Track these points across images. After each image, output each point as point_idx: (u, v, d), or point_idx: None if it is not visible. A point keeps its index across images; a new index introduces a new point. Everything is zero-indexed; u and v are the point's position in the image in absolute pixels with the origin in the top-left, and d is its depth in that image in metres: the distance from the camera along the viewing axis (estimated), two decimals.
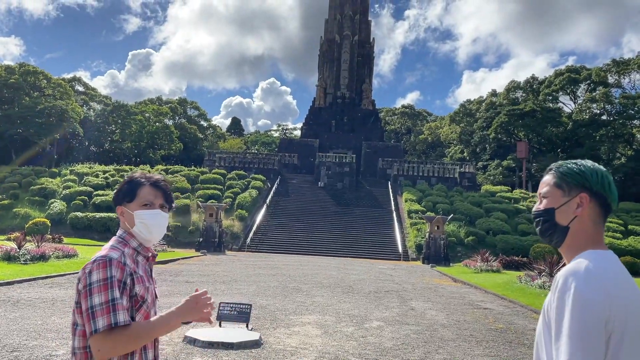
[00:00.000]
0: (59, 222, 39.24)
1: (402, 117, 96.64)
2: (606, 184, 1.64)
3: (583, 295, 1.43)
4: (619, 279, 1.50)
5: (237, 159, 52.93)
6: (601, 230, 1.65)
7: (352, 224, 40.21)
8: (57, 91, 60.33)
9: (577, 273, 1.48)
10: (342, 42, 67.94)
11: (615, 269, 1.53)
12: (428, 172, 51.83)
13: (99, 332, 1.84)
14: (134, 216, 2.10)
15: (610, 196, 1.64)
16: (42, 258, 16.17)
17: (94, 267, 1.91)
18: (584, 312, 1.42)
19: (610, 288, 1.45)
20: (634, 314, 1.46)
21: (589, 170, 1.65)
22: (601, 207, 1.64)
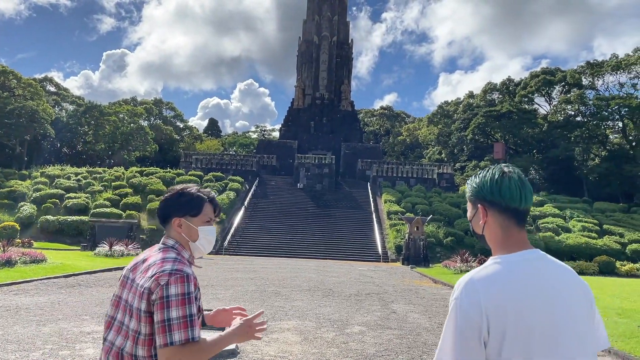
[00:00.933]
0: (29, 226, 38.02)
1: (381, 119, 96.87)
2: (496, 191, 1.73)
3: (458, 305, 1.60)
4: (507, 286, 1.60)
5: (214, 161, 52.16)
6: (512, 233, 1.72)
7: (331, 226, 39.89)
8: (28, 91, 58.66)
9: (463, 282, 1.64)
10: (320, 43, 67.68)
11: (510, 275, 1.63)
12: (407, 173, 51.85)
13: (174, 345, 1.89)
14: (198, 231, 2.21)
15: (504, 200, 1.72)
16: (8, 263, 15.40)
17: (172, 280, 1.95)
18: (456, 315, 1.59)
19: (488, 300, 1.57)
20: (514, 321, 1.56)
21: (481, 183, 1.76)
22: (503, 212, 1.72)
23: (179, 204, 2.22)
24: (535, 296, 1.61)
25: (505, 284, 1.61)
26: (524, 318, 1.58)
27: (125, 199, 41.38)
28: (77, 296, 12.24)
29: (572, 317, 1.64)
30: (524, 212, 1.74)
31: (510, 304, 1.58)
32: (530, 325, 1.58)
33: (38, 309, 10.13)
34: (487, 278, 1.62)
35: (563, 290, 1.66)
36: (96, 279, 16.44)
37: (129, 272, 2.16)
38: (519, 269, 1.65)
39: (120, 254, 24.38)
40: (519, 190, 1.73)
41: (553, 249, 35.95)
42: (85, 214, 39.05)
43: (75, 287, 14.04)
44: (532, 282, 1.63)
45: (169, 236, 2.21)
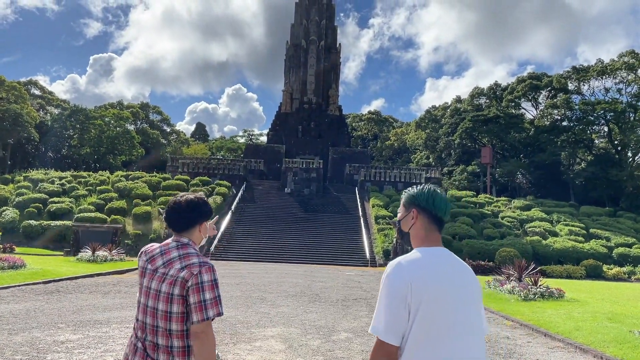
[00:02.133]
0: (11, 231, 37.24)
1: (369, 123, 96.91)
2: (430, 201, 2.28)
3: (390, 279, 2.09)
4: (426, 269, 2.10)
5: (201, 165, 51.67)
6: (433, 233, 2.27)
7: (319, 231, 39.60)
8: (12, 94, 57.77)
9: (393, 264, 2.14)
10: (308, 47, 67.52)
11: (429, 261, 2.14)
12: (395, 178, 51.77)
13: (209, 319, 2.42)
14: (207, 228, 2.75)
15: (434, 209, 2.28)
16: None
17: (203, 270, 2.46)
18: (390, 292, 2.07)
19: (412, 276, 2.06)
20: (428, 294, 2.04)
21: (418, 193, 2.32)
22: (430, 217, 2.28)
23: (205, 212, 2.70)
24: (446, 279, 2.11)
25: (425, 266, 2.12)
26: (436, 293, 2.06)
27: (110, 204, 40.74)
28: (54, 303, 11.84)
29: (470, 301, 2.14)
30: (444, 222, 2.31)
31: (427, 281, 2.07)
32: (440, 299, 2.05)
33: (12, 317, 9.73)
34: (412, 261, 2.14)
35: (465, 279, 2.17)
36: (77, 285, 15.99)
37: (147, 263, 2.61)
38: (434, 257, 2.17)
39: (104, 259, 23.87)
40: (445, 205, 2.30)
41: (541, 253, 36.00)
42: (70, 218, 38.37)
43: (54, 293, 13.61)
44: (443, 268, 2.14)
45: (183, 235, 2.65)
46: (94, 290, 14.50)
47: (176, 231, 2.65)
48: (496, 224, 41.18)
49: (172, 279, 2.45)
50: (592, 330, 10.63)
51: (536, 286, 16.04)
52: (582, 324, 11.40)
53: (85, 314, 10.35)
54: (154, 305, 2.48)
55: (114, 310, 11.06)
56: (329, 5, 71.44)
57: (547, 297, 15.52)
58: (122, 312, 10.77)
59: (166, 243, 2.65)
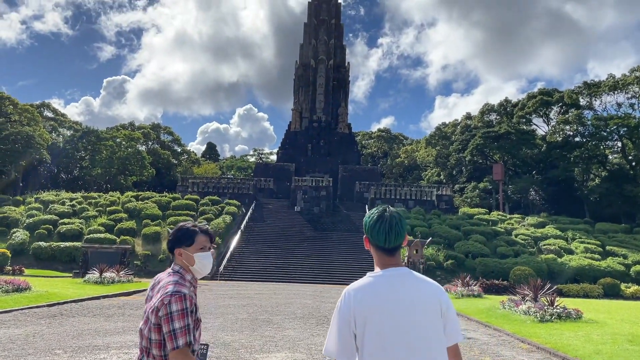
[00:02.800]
0: (21, 253, 37.27)
1: (379, 141, 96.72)
2: (368, 230, 2.42)
3: (338, 306, 2.30)
4: (371, 292, 2.26)
5: (210, 184, 51.65)
6: (383, 257, 2.39)
7: (329, 249, 39.15)
8: (24, 117, 58.48)
9: (344, 291, 2.34)
10: (317, 66, 67.82)
11: (376, 285, 2.29)
12: (405, 195, 51.30)
13: (180, 347, 2.51)
14: (194, 257, 2.77)
15: (373, 239, 2.41)
16: None
17: (173, 300, 2.53)
18: (337, 315, 2.29)
19: (355, 302, 2.24)
20: (372, 315, 2.22)
21: (365, 220, 2.45)
22: (376, 247, 2.42)
23: (176, 238, 2.81)
24: (392, 298, 2.25)
25: (370, 290, 2.27)
26: (380, 313, 2.22)
27: (120, 224, 40.72)
28: (56, 327, 11.56)
29: (420, 319, 2.25)
30: (389, 249, 2.38)
31: (370, 304, 2.23)
32: (385, 318, 2.22)
33: (9, 343, 9.46)
34: (358, 288, 2.30)
35: (415, 297, 2.28)
36: (81, 307, 15.73)
37: (150, 291, 2.76)
38: (384, 279, 2.30)
39: (111, 280, 23.63)
40: (385, 234, 2.36)
41: (556, 272, 35.19)
42: (79, 239, 38.35)
43: (57, 317, 13.35)
44: (392, 288, 2.27)
45: (176, 263, 2.79)
46: (97, 314, 14.22)
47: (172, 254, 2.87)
48: (510, 242, 40.45)
49: (152, 308, 2.61)
50: (612, 353, 10.12)
51: (553, 307, 15.49)
52: (602, 347, 10.88)
53: (84, 339, 10.06)
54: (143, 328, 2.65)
55: (115, 334, 10.75)
56: (337, 25, 71.90)
57: (564, 318, 14.96)
58: (123, 337, 10.46)
59: (166, 270, 2.84)
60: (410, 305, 2.24)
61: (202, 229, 2.85)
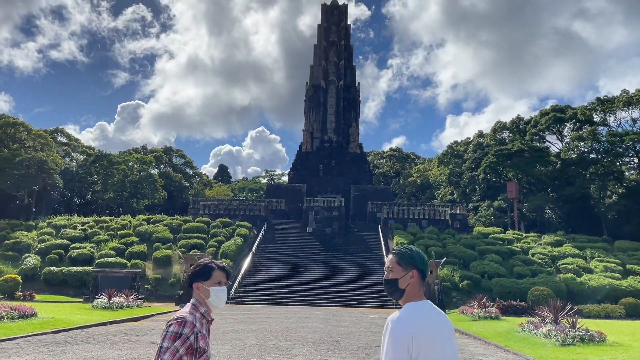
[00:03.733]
0: (33, 278, 37.11)
1: (391, 160, 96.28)
2: (425, 263, 2.80)
3: (394, 333, 2.56)
4: (421, 321, 2.60)
5: (222, 207, 51.46)
6: (422, 288, 2.78)
7: (341, 271, 38.52)
8: (38, 142, 59.08)
9: (394, 319, 2.64)
10: (327, 87, 68.01)
11: (422, 315, 2.63)
12: (419, 215, 50.64)
13: None
14: (210, 291, 3.02)
15: (426, 269, 2.80)
16: None
17: (173, 322, 2.81)
18: (395, 344, 2.53)
19: (411, 329, 2.54)
20: (426, 342, 2.53)
21: (417, 255, 2.80)
22: (422, 276, 2.78)
23: (195, 272, 3.05)
24: (436, 327, 2.61)
25: (420, 319, 2.61)
26: (431, 340, 2.56)
27: (131, 248, 40.52)
28: (57, 356, 11.20)
29: (452, 343, 2.66)
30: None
31: (424, 332, 2.56)
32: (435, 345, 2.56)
33: None
34: (410, 316, 2.62)
35: (446, 325, 2.67)
36: (87, 334, 15.37)
37: None
38: (425, 310, 2.67)
39: (120, 305, 23.28)
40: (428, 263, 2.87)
41: (575, 292, 34.20)
42: (90, 264, 38.16)
43: (61, 344, 12.99)
44: (432, 318, 2.65)
45: (194, 296, 3.02)
46: (102, 341, 13.84)
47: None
48: (527, 262, 39.51)
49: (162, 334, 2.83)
50: None
51: (574, 329, 14.81)
52: None
53: None
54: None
55: None
56: (347, 47, 72.29)
57: (587, 342, 14.27)
58: None
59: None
60: (445, 333, 2.64)
61: (219, 265, 3.10)
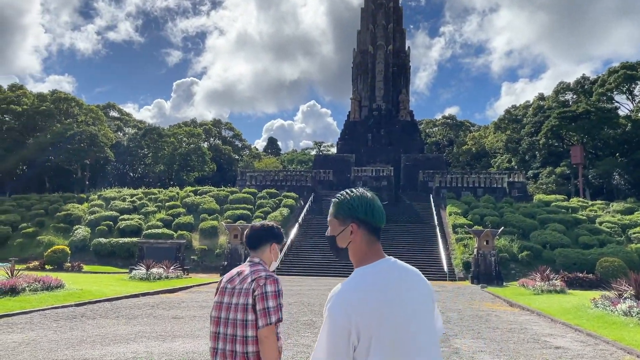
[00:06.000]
0: (83, 249, 37.59)
1: (444, 128, 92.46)
2: (369, 212, 2.01)
3: (329, 315, 1.86)
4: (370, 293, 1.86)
5: (268, 178, 50.54)
6: (374, 246, 2.02)
7: (391, 242, 36.73)
8: (89, 117, 59.97)
9: (334, 293, 1.91)
10: (375, 52, 65.15)
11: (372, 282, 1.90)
12: (473, 183, 47.84)
13: (272, 324, 2.79)
14: (279, 253, 3.24)
15: (374, 219, 2.03)
16: (12, 292, 13.71)
17: (267, 282, 2.87)
18: (330, 331, 1.84)
19: (351, 308, 1.83)
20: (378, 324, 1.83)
21: (356, 201, 2.03)
22: (371, 230, 2.02)
23: (274, 234, 3.21)
24: (394, 297, 1.88)
25: (369, 292, 1.87)
26: (386, 317, 1.84)
27: (178, 219, 40.30)
28: (63, 332, 10.16)
29: (421, 313, 1.93)
30: (380, 229, 2.07)
31: (374, 309, 1.83)
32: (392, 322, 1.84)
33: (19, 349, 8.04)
34: (353, 289, 1.89)
35: (414, 288, 1.96)
36: (112, 307, 14.46)
37: (227, 283, 3.01)
38: (379, 276, 1.93)
39: (158, 277, 22.59)
40: (382, 212, 2.06)
41: None
42: (138, 235, 38.21)
43: (76, 318, 12.04)
44: (390, 285, 1.91)
45: (255, 256, 3.13)
46: (122, 315, 12.82)
47: (251, 248, 3.14)
48: (593, 231, 36.30)
49: (246, 291, 2.87)
50: None
51: None
52: None
53: (81, 349, 8.51)
54: (234, 317, 2.85)
55: (122, 342, 9.16)
56: (395, 9, 68.79)
57: None
58: (127, 346, 8.82)
59: (242, 265, 3.11)
60: (413, 301, 1.93)
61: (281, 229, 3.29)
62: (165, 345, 9.01)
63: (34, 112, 55.51)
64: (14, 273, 15.25)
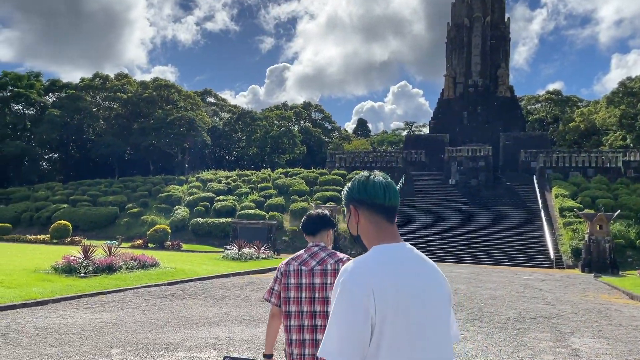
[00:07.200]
0: (182, 229, 39.24)
1: (548, 105, 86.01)
2: (362, 190, 1.87)
3: (347, 287, 1.62)
4: (389, 271, 1.67)
5: (358, 159, 49.76)
6: (384, 226, 1.82)
7: (489, 226, 34.60)
8: (188, 103, 62.49)
9: (349, 267, 1.69)
10: (472, 25, 61.54)
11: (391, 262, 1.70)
12: (583, 163, 43.81)
13: None
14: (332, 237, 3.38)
15: (370, 197, 1.85)
16: (109, 269, 14.13)
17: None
18: (348, 305, 1.59)
19: (374, 282, 1.62)
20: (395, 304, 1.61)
21: (352, 185, 1.92)
22: (372, 208, 1.84)
23: (332, 222, 3.35)
24: (414, 281, 1.68)
25: (388, 268, 1.68)
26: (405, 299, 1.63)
27: (270, 201, 40.85)
28: (152, 312, 10.10)
29: (441, 305, 1.74)
30: (389, 208, 1.85)
31: (391, 288, 1.63)
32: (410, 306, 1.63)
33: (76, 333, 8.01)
34: (372, 263, 1.69)
35: (433, 278, 1.75)
36: (202, 286, 14.48)
37: (300, 266, 3.06)
38: (396, 256, 1.74)
39: (249, 257, 22.72)
40: (382, 188, 1.87)
41: None
42: (232, 215, 39.23)
43: (166, 298, 12.06)
44: (409, 268, 1.71)
45: (321, 240, 3.22)
46: (210, 295, 12.70)
47: (311, 234, 3.24)
48: None
49: (333, 272, 2.99)
50: None
51: None
52: None
53: (163, 332, 8.27)
54: (320, 295, 2.97)
55: (204, 325, 8.84)
56: None
57: None
58: (210, 330, 8.46)
59: (309, 249, 3.17)
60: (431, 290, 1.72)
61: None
62: (248, 331, 8.56)
63: (138, 99, 58.85)
64: (111, 251, 15.79)
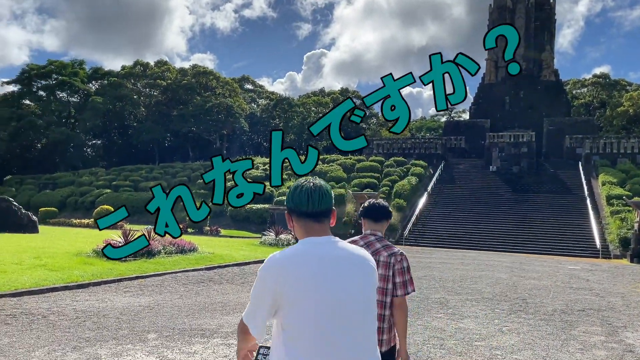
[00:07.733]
0: (220, 214, 39.66)
1: (594, 89, 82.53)
2: (289, 200, 2.12)
3: (261, 273, 2.00)
4: (300, 261, 1.98)
5: (396, 145, 49.04)
6: (313, 228, 2.08)
7: (531, 214, 33.58)
8: (226, 89, 62.94)
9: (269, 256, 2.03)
10: (515, 6, 59.46)
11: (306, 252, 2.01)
12: (632, 149, 41.93)
13: (408, 294, 3.34)
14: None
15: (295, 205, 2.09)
16: (148, 254, 14.31)
17: (403, 258, 3.37)
18: (259, 283, 2.00)
19: (281, 270, 1.94)
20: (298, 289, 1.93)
21: (289, 194, 2.14)
22: (299, 215, 2.10)
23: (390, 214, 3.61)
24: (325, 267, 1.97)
25: (300, 258, 1.99)
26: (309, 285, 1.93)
27: None
28: (189, 297, 10.13)
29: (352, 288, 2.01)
30: (314, 213, 2.07)
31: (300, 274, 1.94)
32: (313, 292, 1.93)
33: (114, 316, 8.07)
34: (287, 254, 2.01)
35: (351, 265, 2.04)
36: (239, 272, 14.51)
37: None
38: (314, 247, 2.03)
39: (286, 242, 22.72)
40: (307, 197, 2.07)
41: None
42: (270, 202, 39.44)
43: (203, 283, 12.11)
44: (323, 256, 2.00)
45: (381, 229, 3.50)
46: (247, 281, 12.69)
47: (374, 221, 3.46)
48: None
49: (385, 263, 3.29)
50: None
51: None
52: None
53: (200, 317, 8.25)
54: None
55: (240, 312, 8.78)
56: None
57: None
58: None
59: (365, 236, 3.42)
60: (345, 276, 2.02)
61: None
62: None
63: (177, 86, 59.62)
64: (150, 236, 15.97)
